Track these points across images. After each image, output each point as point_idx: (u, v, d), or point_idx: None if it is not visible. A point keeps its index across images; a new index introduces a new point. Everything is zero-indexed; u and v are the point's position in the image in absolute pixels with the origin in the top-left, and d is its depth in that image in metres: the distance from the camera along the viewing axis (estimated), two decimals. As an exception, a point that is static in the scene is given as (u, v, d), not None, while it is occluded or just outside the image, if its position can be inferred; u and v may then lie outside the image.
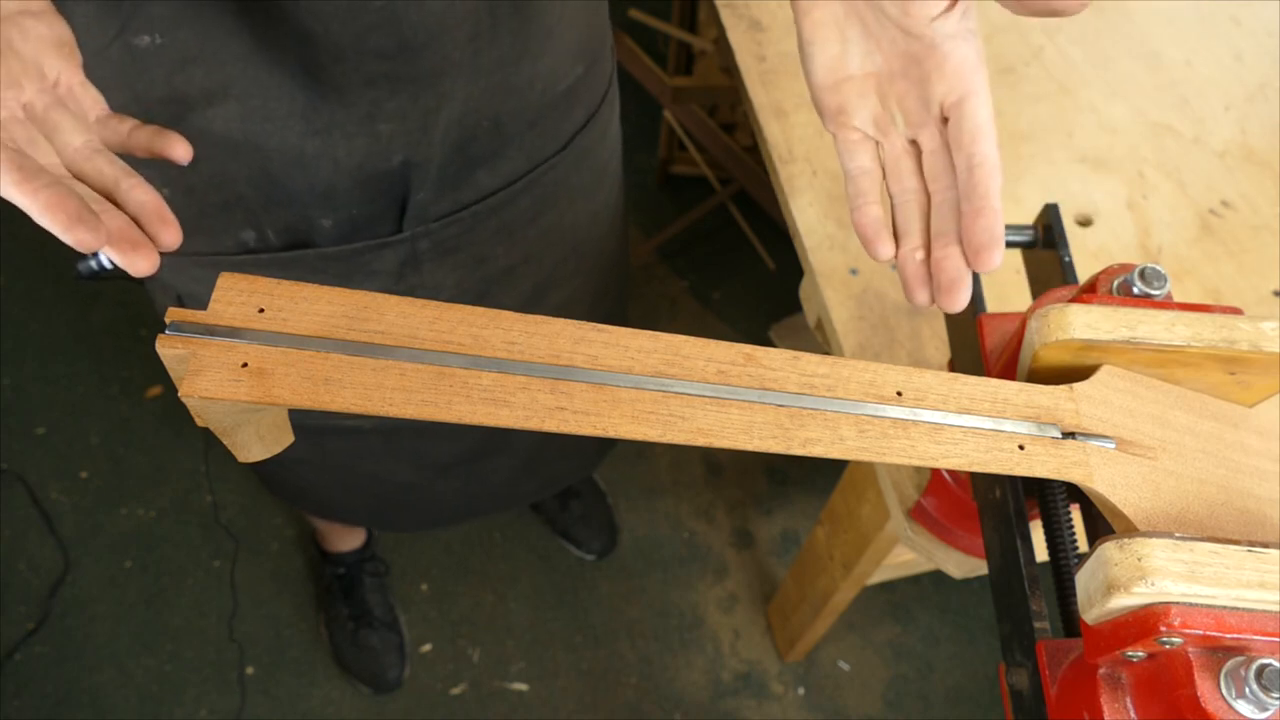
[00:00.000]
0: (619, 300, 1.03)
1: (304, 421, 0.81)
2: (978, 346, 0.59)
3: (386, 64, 0.57)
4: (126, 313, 1.73)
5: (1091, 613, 0.40)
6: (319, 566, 1.49)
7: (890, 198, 0.49)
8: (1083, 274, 0.58)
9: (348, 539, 1.45)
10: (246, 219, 0.64)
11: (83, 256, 0.69)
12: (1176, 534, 0.39)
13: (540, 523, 1.56)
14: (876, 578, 1.09)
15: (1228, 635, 0.37)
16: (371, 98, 0.58)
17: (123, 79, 0.56)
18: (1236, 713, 0.36)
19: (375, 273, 0.70)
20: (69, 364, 1.66)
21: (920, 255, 0.47)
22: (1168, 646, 0.37)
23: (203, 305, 0.73)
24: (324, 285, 0.43)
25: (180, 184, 0.62)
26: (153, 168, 0.61)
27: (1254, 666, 0.36)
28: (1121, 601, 0.38)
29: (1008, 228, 0.68)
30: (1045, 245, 0.65)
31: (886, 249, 0.47)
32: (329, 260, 0.68)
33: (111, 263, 0.69)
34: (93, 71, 0.56)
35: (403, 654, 1.43)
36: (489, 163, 0.68)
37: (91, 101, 0.45)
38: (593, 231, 0.86)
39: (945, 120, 0.46)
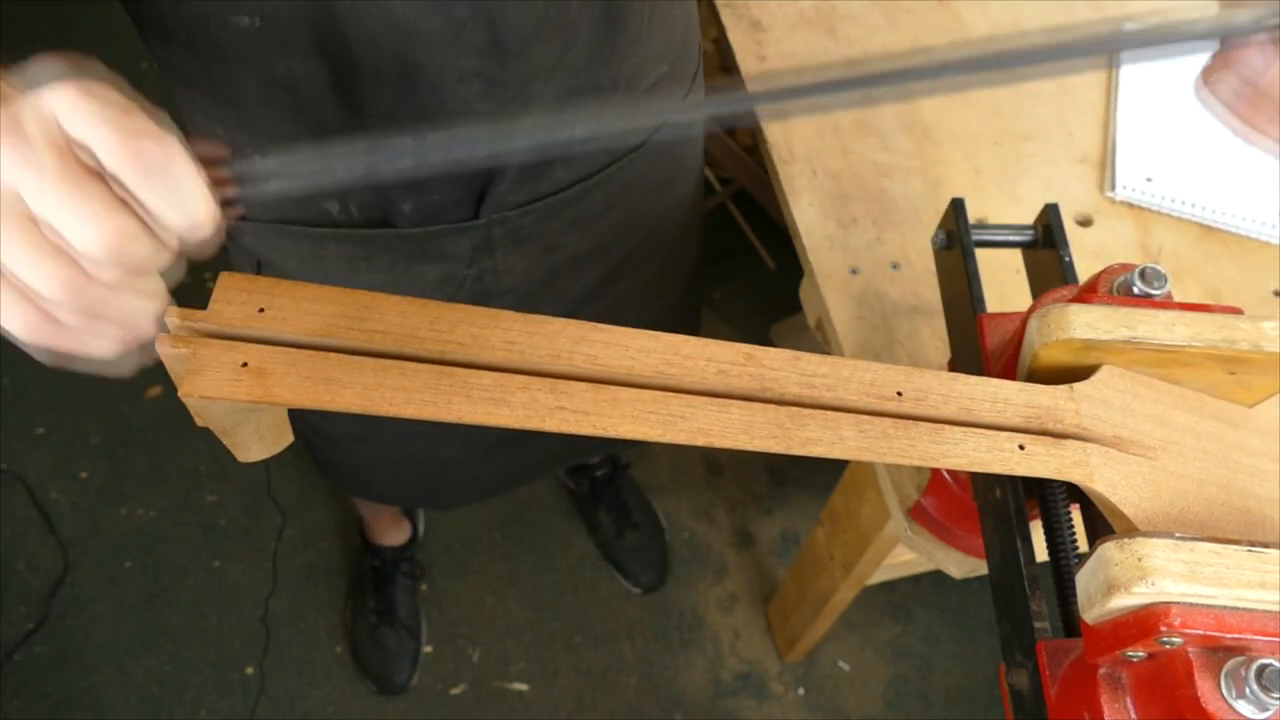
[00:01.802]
0: (688, 291, 1.02)
1: None
2: (978, 346, 0.59)
3: (480, 61, 0.57)
4: (126, 313, 1.72)
5: (1092, 613, 0.40)
6: (359, 555, 1.49)
7: None
8: (1083, 274, 0.58)
9: (391, 534, 1.45)
10: (333, 191, 0.65)
11: None
12: (1177, 534, 0.39)
13: (541, 526, 1.56)
14: (876, 578, 1.09)
15: (1228, 635, 0.37)
16: (462, 96, 0.59)
17: (222, 56, 0.57)
18: (1237, 713, 0.36)
19: (448, 256, 0.71)
20: (69, 364, 1.66)
21: None
22: (1168, 646, 0.37)
23: (281, 274, 0.74)
24: (324, 285, 0.43)
25: (274, 152, 0.63)
26: (247, 133, 0.62)
27: (1254, 666, 0.36)
28: (1122, 601, 0.38)
29: (1007, 227, 0.68)
30: (1045, 245, 0.65)
31: None
32: (405, 240, 0.69)
33: None
34: (201, 48, 0.57)
35: (415, 661, 1.43)
36: (567, 157, 0.69)
37: None
38: (665, 223, 0.86)
39: None
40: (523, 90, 0.60)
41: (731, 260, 1.84)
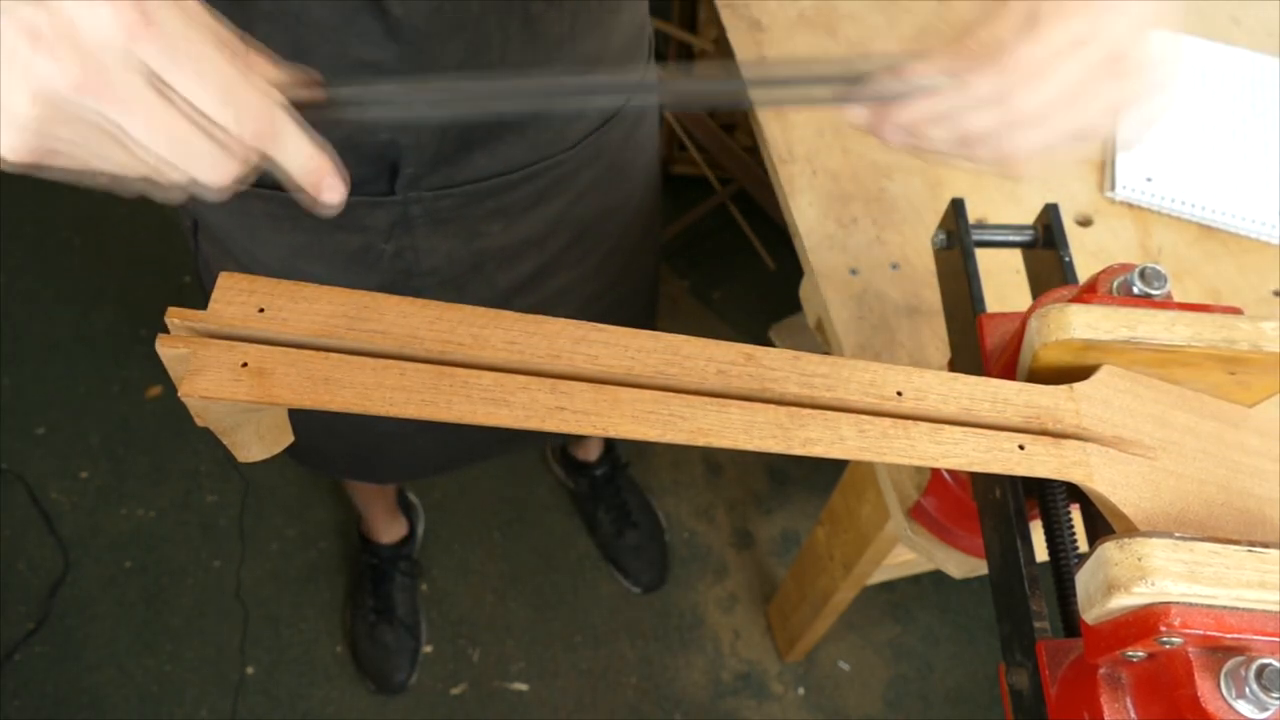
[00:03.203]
0: (639, 290, 1.02)
1: None
2: (978, 346, 0.59)
3: (375, 51, 0.57)
4: (127, 313, 1.73)
5: (1092, 613, 0.40)
6: (357, 553, 1.49)
7: None
8: (1083, 274, 0.58)
9: (388, 531, 1.45)
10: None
11: None
12: (1176, 534, 0.39)
13: (541, 526, 1.56)
14: (876, 578, 1.09)
15: (1228, 635, 0.37)
16: (359, 82, 0.59)
17: None
18: (1236, 713, 0.36)
19: (367, 228, 0.72)
20: (69, 364, 1.66)
21: None
22: (1168, 646, 0.37)
23: (213, 229, 0.74)
24: (323, 285, 0.43)
25: None
26: None
27: (1254, 666, 0.36)
28: (1122, 601, 0.38)
29: (1007, 227, 0.68)
30: (1045, 245, 0.65)
31: None
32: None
33: None
34: None
35: (414, 660, 1.43)
36: (487, 146, 0.69)
37: None
38: (606, 224, 0.85)
39: None
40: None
41: (731, 260, 1.84)
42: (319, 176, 0.39)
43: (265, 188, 0.68)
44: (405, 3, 0.56)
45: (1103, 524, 0.49)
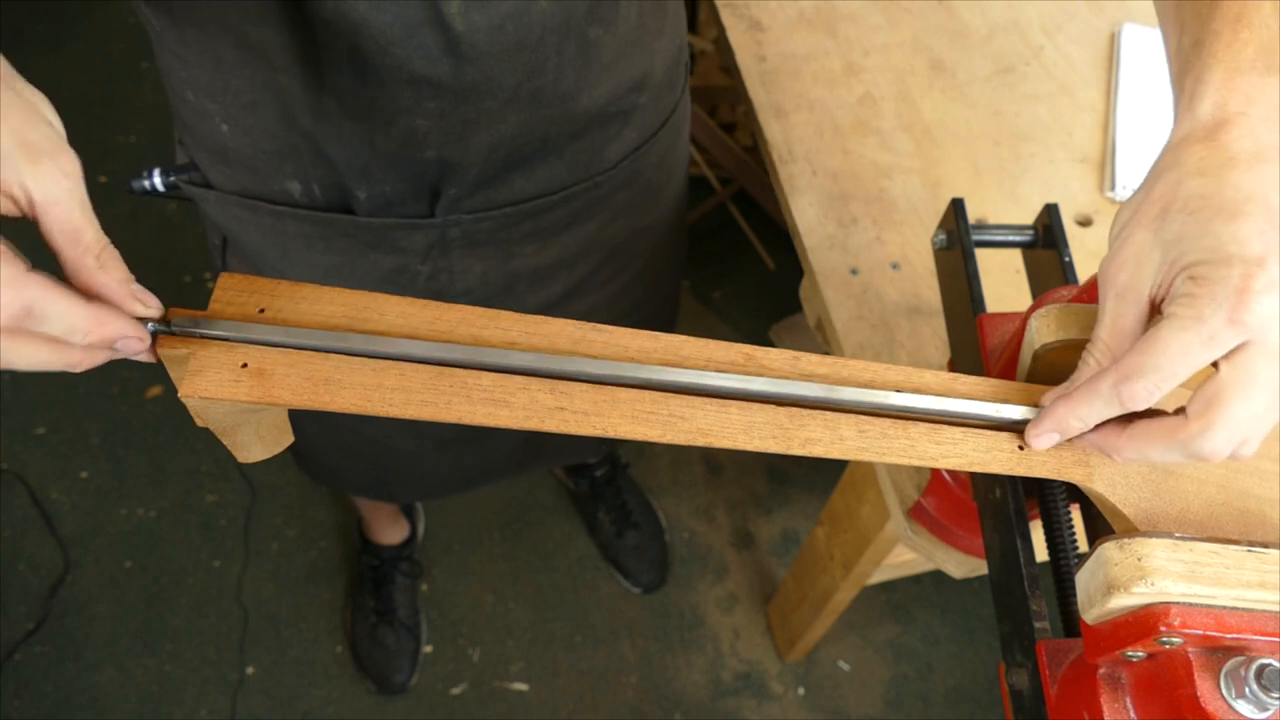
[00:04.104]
0: (661, 310, 1.02)
1: None
2: (978, 346, 0.59)
3: (432, 65, 0.57)
4: (126, 313, 1.72)
5: (1091, 613, 0.40)
6: (357, 555, 1.49)
7: None
8: (1083, 274, 0.58)
9: (390, 533, 1.46)
10: (296, 171, 0.66)
11: (136, 174, 0.71)
12: (1176, 534, 0.39)
13: (541, 526, 1.56)
14: (876, 578, 1.09)
15: (1228, 635, 0.37)
16: (412, 94, 0.59)
17: (199, 21, 0.58)
18: (1236, 713, 0.36)
19: (403, 249, 0.71)
20: (69, 364, 1.66)
21: None
22: (1168, 646, 0.37)
23: (244, 248, 0.75)
24: (323, 286, 0.43)
25: (240, 123, 0.63)
26: (217, 101, 0.62)
27: (1254, 666, 0.36)
28: (1121, 601, 0.38)
29: (1007, 228, 0.68)
30: (1045, 245, 0.65)
31: None
32: (361, 229, 0.69)
33: (165, 184, 0.71)
34: (178, 12, 0.58)
35: (415, 661, 1.43)
36: (528, 167, 0.69)
37: None
38: (635, 246, 0.85)
39: None
40: (476, 103, 0.61)
41: (731, 260, 1.84)
42: (101, 339, 0.38)
43: (301, 207, 0.68)
44: (468, 19, 0.56)
45: (1103, 524, 0.49)
